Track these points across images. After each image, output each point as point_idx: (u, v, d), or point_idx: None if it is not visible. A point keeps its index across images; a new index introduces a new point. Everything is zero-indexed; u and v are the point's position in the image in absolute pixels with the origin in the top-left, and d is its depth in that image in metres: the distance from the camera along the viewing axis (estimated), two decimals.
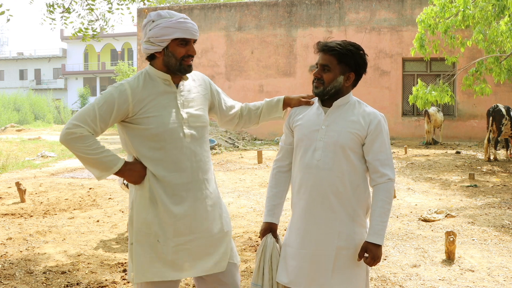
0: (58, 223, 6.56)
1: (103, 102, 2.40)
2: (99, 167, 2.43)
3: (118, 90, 2.42)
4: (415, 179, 9.50)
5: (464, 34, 13.52)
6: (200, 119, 2.56)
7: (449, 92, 12.17)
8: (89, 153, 2.38)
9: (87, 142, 2.38)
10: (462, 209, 7.02)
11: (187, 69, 2.49)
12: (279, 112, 2.77)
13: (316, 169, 2.40)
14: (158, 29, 2.40)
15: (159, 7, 20.52)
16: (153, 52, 2.46)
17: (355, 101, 2.50)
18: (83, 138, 2.37)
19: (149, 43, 2.44)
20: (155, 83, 2.49)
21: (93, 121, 2.38)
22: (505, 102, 16.48)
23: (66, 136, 2.39)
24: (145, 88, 2.46)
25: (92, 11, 8.13)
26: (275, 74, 19.13)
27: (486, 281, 4.31)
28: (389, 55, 18.22)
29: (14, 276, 4.46)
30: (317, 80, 2.45)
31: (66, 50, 52.57)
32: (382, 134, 2.42)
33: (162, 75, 2.49)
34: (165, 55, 2.45)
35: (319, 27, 18.70)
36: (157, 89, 2.48)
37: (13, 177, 10.65)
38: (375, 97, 18.21)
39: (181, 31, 2.41)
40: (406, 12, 18.13)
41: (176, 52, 2.44)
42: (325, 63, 2.42)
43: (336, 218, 2.39)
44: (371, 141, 2.41)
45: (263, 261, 2.51)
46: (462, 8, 10.91)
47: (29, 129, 29.17)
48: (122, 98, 2.40)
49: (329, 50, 2.41)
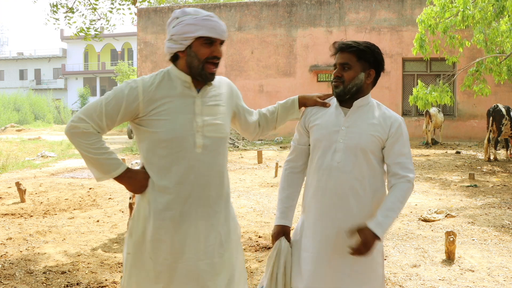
0: (58, 223, 6.56)
1: (111, 97, 2.22)
2: (98, 168, 2.27)
3: (129, 86, 2.23)
4: (415, 179, 9.45)
5: (464, 34, 13.52)
6: (219, 129, 2.31)
7: (449, 93, 12.17)
8: (90, 152, 2.21)
9: (90, 140, 2.20)
10: (462, 209, 7.02)
11: (208, 77, 2.26)
12: (296, 113, 2.60)
13: (336, 171, 2.32)
14: (181, 26, 2.20)
15: (159, 7, 20.52)
16: (175, 51, 2.25)
17: (374, 103, 2.47)
18: (86, 135, 2.20)
19: (172, 41, 2.23)
20: (173, 84, 2.27)
21: (99, 117, 2.20)
22: (505, 102, 16.48)
23: (70, 129, 2.22)
24: (160, 88, 2.25)
25: (95, 11, 8.13)
26: (275, 74, 19.13)
27: (486, 281, 4.31)
28: (389, 55, 18.22)
29: (14, 276, 4.46)
30: (336, 79, 2.39)
31: (66, 50, 52.59)
32: (403, 137, 2.37)
33: (182, 76, 2.26)
34: (188, 55, 2.23)
35: (319, 27, 18.71)
36: (173, 91, 2.26)
37: (13, 177, 10.65)
38: (375, 97, 17.59)
39: (205, 29, 2.19)
40: (406, 12, 18.14)
41: (200, 53, 2.21)
42: (344, 61, 2.36)
43: (355, 222, 2.30)
44: (391, 144, 2.35)
45: (277, 266, 2.39)
46: (462, 8, 10.92)
47: (29, 129, 29.18)
48: (132, 95, 2.21)
49: (347, 48, 2.36)
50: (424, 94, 11.94)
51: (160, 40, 20.15)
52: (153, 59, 20.17)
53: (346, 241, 2.29)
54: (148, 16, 20.25)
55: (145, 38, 20.34)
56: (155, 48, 20.17)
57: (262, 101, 19.10)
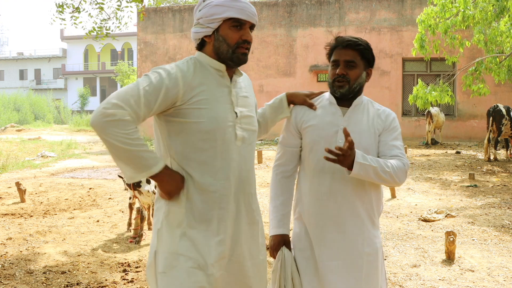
0: (58, 223, 6.56)
1: (148, 82, 1.94)
2: (135, 164, 1.92)
3: (166, 71, 1.98)
4: (415, 179, 9.49)
5: (464, 34, 13.51)
6: (252, 121, 2.19)
7: (449, 92, 12.17)
8: (127, 143, 1.87)
9: (128, 129, 1.87)
10: (462, 209, 7.02)
11: (241, 59, 2.06)
12: (285, 112, 2.45)
13: (340, 174, 2.20)
14: (208, 8, 2.02)
15: (159, 8, 20.52)
16: (202, 36, 2.06)
17: (367, 100, 2.40)
18: (123, 123, 1.86)
19: (199, 26, 2.05)
20: (208, 72, 2.07)
21: (137, 104, 1.90)
22: (505, 102, 16.47)
23: (102, 117, 1.86)
24: (197, 75, 2.04)
25: (102, 10, 8.12)
26: (275, 74, 19.13)
27: (486, 281, 4.31)
28: (389, 55, 18.22)
29: (14, 276, 4.46)
30: (341, 77, 2.25)
31: (66, 50, 52.59)
32: (397, 128, 2.34)
33: (215, 64, 2.07)
34: (216, 39, 2.04)
35: (319, 27, 18.71)
36: (210, 79, 2.06)
37: (13, 177, 10.65)
38: (375, 97, 18.00)
39: (234, 10, 2.00)
40: (406, 12, 18.14)
41: (228, 37, 2.03)
42: (350, 58, 2.25)
43: (362, 224, 2.25)
44: (386, 136, 2.29)
45: (283, 279, 2.25)
46: (462, 8, 10.91)
47: (29, 129, 29.17)
48: (172, 80, 1.96)
49: (354, 45, 2.26)
50: (424, 93, 11.93)
51: (160, 40, 20.16)
52: (153, 59, 20.17)
53: (357, 244, 2.23)
54: (148, 16, 20.25)
55: (145, 38, 20.34)
56: (155, 48, 20.17)
57: (262, 101, 18.74)
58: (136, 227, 5.67)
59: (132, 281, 4.37)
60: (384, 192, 8.12)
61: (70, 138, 20.96)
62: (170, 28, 20.10)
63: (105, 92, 50.86)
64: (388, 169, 2.15)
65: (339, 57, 2.27)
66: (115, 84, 46.22)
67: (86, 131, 29.54)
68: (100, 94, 50.87)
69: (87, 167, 12.93)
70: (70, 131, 28.94)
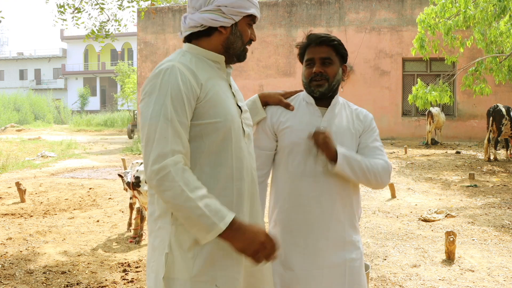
0: (58, 223, 6.56)
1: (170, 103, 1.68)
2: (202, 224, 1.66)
3: (173, 74, 1.72)
4: (415, 179, 9.49)
5: (465, 34, 13.51)
6: (250, 116, 2.03)
7: (449, 92, 12.17)
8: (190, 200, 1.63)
9: (187, 177, 1.65)
10: (462, 209, 7.02)
11: (245, 57, 1.96)
12: (260, 113, 2.25)
13: (322, 177, 2.11)
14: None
15: (159, 7, 20.53)
16: (220, 25, 1.83)
17: (343, 100, 2.30)
18: (182, 171, 1.65)
19: (218, 13, 1.82)
20: (207, 65, 1.86)
21: (180, 137, 1.69)
22: (505, 102, 16.46)
23: (156, 174, 1.64)
24: (199, 67, 1.82)
25: (102, 10, 8.13)
26: (275, 74, 19.13)
27: (486, 281, 4.31)
28: (389, 55, 18.22)
29: (14, 276, 4.46)
30: (319, 76, 2.15)
31: (66, 50, 52.59)
32: (376, 129, 2.26)
33: (214, 56, 1.87)
34: (233, 33, 1.87)
35: (319, 27, 18.70)
36: (212, 72, 1.86)
37: (13, 177, 10.65)
38: (375, 97, 18.21)
39: (255, 9, 1.89)
40: (406, 12, 18.14)
41: (244, 34, 1.89)
42: (326, 55, 2.16)
43: (343, 229, 2.16)
44: (365, 138, 2.22)
45: None
46: (463, 8, 10.90)
47: (29, 129, 29.20)
48: (185, 83, 1.73)
49: (329, 41, 2.17)
50: (424, 93, 11.93)
51: (160, 40, 20.15)
52: (153, 59, 20.17)
53: (339, 250, 2.15)
54: (148, 16, 20.26)
55: (145, 38, 20.35)
56: (155, 48, 20.17)
57: None
58: (136, 227, 5.67)
59: (132, 281, 4.37)
60: (384, 192, 8.15)
61: (70, 138, 20.97)
62: (170, 28, 20.10)
63: (105, 92, 50.86)
64: (372, 166, 2.11)
65: (314, 54, 2.18)
66: (115, 84, 46.20)
67: (86, 131, 29.56)
68: (100, 94, 50.87)
69: (87, 167, 12.93)
70: (70, 131, 28.96)
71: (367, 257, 4.99)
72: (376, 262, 4.84)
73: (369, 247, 5.32)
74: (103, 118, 34.67)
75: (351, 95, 18.31)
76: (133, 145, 17.79)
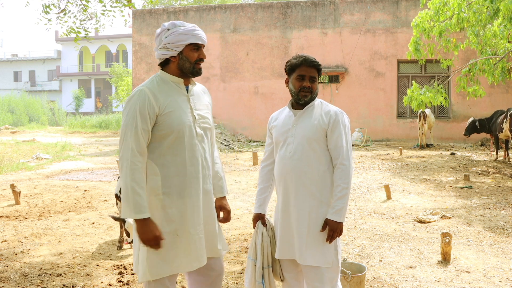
0: (53, 225, 6.54)
1: (138, 114, 2.58)
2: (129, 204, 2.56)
3: (139, 98, 2.61)
4: (410, 181, 9.52)
5: (459, 36, 13.55)
6: (207, 120, 2.84)
7: (444, 94, 12.20)
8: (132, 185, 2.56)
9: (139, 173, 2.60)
10: (457, 210, 7.04)
11: (198, 72, 2.74)
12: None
13: (289, 160, 2.90)
14: (174, 36, 2.65)
15: (154, 9, 20.51)
16: (168, 57, 2.69)
17: (319, 102, 3.02)
18: (139, 170, 2.59)
19: (165, 49, 2.68)
20: (169, 86, 2.71)
21: (139, 145, 2.60)
22: (500, 103, 16.53)
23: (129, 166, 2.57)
24: (161, 89, 2.68)
25: (85, 11, 8.11)
26: (270, 76, 19.13)
27: (482, 282, 4.33)
28: (384, 57, 18.26)
29: (9, 279, 4.44)
30: (307, 89, 2.93)
31: (60, 52, 52.43)
32: (340, 126, 2.90)
33: (175, 79, 2.73)
34: (180, 59, 2.69)
35: (314, 28, 18.73)
36: (171, 91, 2.71)
37: (7, 179, 10.61)
38: (370, 99, 18.24)
39: (194, 37, 2.67)
40: (400, 14, 18.19)
41: (190, 56, 2.69)
42: (313, 75, 2.94)
43: (306, 200, 2.87)
44: (330, 132, 2.89)
45: (254, 238, 3.08)
46: (456, 11, 10.95)
47: (23, 131, 29.08)
48: (148, 102, 2.61)
49: (317, 65, 2.94)
50: (418, 94, 11.96)
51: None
52: (148, 61, 20.15)
53: (302, 217, 2.87)
54: (143, 17, 20.23)
55: (140, 39, 20.32)
56: (150, 49, 20.14)
57: (257, 103, 19.11)
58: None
59: (128, 283, 4.36)
60: (380, 194, 8.17)
61: (65, 140, 20.90)
62: None
63: (100, 93, 50.75)
64: (345, 189, 2.85)
65: (306, 73, 2.93)
66: (110, 86, 46.11)
67: (80, 133, 29.46)
68: (95, 96, 50.75)
69: (82, 169, 12.89)
70: (64, 133, 28.85)
71: (363, 258, 5.00)
72: (372, 263, 4.85)
73: (364, 249, 5.33)
74: (98, 120, 34.58)
75: (346, 96, 18.36)
76: None
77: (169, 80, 2.73)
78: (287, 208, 2.93)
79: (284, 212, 2.95)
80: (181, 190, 2.66)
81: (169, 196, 2.64)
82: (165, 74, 2.74)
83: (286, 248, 2.94)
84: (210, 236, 2.81)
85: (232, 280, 4.40)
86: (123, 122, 2.60)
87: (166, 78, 2.73)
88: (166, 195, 2.64)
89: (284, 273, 3.03)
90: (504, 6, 9.41)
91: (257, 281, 2.99)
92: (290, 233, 2.91)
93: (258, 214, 3.15)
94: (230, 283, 4.35)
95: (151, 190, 2.63)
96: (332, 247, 2.89)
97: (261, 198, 3.15)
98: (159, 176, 2.64)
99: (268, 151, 3.16)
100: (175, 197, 2.65)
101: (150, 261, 2.61)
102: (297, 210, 2.89)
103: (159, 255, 2.61)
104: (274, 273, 3.06)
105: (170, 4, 34.20)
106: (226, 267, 4.66)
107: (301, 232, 2.86)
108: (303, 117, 2.95)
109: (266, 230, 3.09)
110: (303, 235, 2.86)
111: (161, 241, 2.58)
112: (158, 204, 2.64)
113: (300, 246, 2.86)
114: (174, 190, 2.65)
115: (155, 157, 2.65)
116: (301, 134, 2.90)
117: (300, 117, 2.96)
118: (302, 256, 2.85)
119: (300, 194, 2.89)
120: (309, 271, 2.86)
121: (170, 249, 2.64)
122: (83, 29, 8.15)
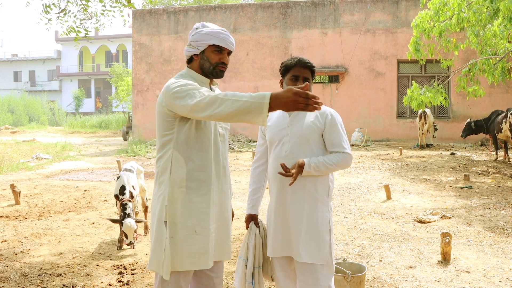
0: (53, 225, 6.54)
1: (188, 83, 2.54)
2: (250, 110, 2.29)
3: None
4: (410, 181, 9.51)
5: (459, 36, 13.54)
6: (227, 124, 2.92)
7: (444, 94, 12.20)
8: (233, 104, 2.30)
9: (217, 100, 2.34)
10: (457, 210, 7.04)
11: (219, 74, 2.75)
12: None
13: (285, 159, 2.93)
14: (199, 35, 2.71)
15: (154, 9, 20.50)
16: (191, 54, 2.75)
17: None
18: (211, 100, 2.36)
19: (190, 46, 2.75)
20: (197, 82, 2.72)
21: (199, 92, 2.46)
22: (499, 103, 16.53)
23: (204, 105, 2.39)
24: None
25: (86, 11, 8.11)
26: (270, 76, 19.14)
27: (482, 282, 4.33)
28: (384, 57, 18.27)
29: (9, 279, 4.44)
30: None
31: (60, 52, 52.43)
32: (337, 125, 2.94)
33: (201, 78, 2.76)
34: (201, 58, 2.73)
35: (314, 28, 18.73)
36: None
37: (7, 179, 10.61)
38: (370, 99, 18.24)
39: (217, 39, 2.68)
40: (400, 14, 18.19)
41: (211, 57, 2.71)
42: (307, 76, 2.97)
43: (302, 199, 2.90)
44: (328, 131, 2.94)
45: (247, 238, 3.11)
46: (456, 11, 10.95)
47: (23, 131, 29.10)
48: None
49: (311, 66, 2.98)
50: (418, 94, 11.96)
51: (155, 42, 20.13)
52: (148, 61, 20.14)
53: (297, 215, 2.90)
54: (143, 17, 20.22)
55: (140, 39, 20.30)
56: (150, 49, 20.13)
57: None
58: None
59: (128, 283, 4.36)
60: (380, 194, 8.16)
61: (64, 140, 20.90)
62: (165, 29, 20.08)
63: (100, 94, 50.74)
64: (331, 161, 2.87)
65: (300, 73, 2.96)
66: (110, 86, 46.09)
67: (80, 133, 29.48)
68: (95, 96, 50.74)
69: (82, 169, 12.89)
70: (64, 133, 28.87)
71: (363, 258, 5.00)
72: (372, 263, 4.85)
73: (364, 249, 5.33)
74: (98, 120, 34.58)
75: (346, 96, 18.37)
76: (128, 147, 17.71)
77: (196, 77, 2.75)
78: (283, 206, 2.95)
79: (279, 210, 2.97)
80: (204, 186, 2.66)
81: (192, 190, 2.63)
82: (191, 71, 2.78)
83: (281, 245, 2.96)
84: (224, 237, 2.80)
85: (232, 280, 4.40)
86: (181, 92, 2.46)
87: (193, 75, 2.76)
88: (189, 189, 2.63)
89: (277, 272, 3.05)
90: (504, 6, 9.41)
91: (247, 281, 3.03)
92: (286, 230, 2.93)
93: (251, 214, 3.19)
94: (230, 283, 4.35)
95: (175, 181, 2.62)
96: (328, 245, 2.90)
97: (253, 199, 3.19)
98: (185, 169, 2.63)
99: (260, 152, 3.21)
100: (197, 192, 2.65)
101: (173, 254, 2.58)
102: (293, 207, 2.91)
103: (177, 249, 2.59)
104: (265, 274, 3.12)
105: (170, 4, 34.21)
106: (226, 267, 4.66)
107: (298, 230, 2.89)
108: (298, 117, 2.99)
109: (259, 231, 3.13)
110: (300, 232, 2.88)
111: (307, 92, 2.21)
112: (180, 196, 2.62)
113: (297, 243, 2.89)
114: (197, 185, 2.64)
115: (183, 149, 2.64)
116: (297, 134, 2.94)
117: (295, 117, 3.00)
118: (298, 253, 2.88)
119: (295, 193, 2.91)
120: (304, 269, 2.88)
121: (188, 245, 2.61)
122: (83, 29, 8.15)
